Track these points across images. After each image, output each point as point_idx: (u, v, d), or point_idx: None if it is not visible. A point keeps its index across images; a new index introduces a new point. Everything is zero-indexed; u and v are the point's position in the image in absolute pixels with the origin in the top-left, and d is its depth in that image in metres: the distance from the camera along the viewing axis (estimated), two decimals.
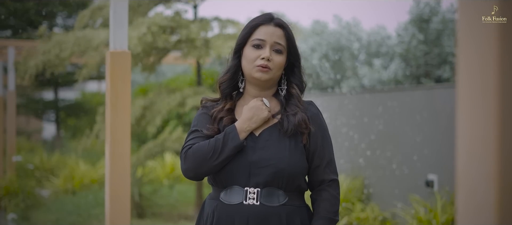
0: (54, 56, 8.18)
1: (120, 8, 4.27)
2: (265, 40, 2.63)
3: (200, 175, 2.62)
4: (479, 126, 1.21)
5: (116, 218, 4.28)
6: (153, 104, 8.23)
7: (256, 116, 2.58)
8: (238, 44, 2.69)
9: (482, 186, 1.20)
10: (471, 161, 1.23)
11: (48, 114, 19.00)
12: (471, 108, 1.23)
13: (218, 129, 2.65)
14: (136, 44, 7.46)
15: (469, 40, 1.24)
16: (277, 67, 2.64)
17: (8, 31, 18.20)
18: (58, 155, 14.34)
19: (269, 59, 2.61)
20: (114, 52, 4.27)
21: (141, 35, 7.50)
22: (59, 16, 18.05)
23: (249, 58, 2.63)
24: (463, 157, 1.25)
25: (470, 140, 1.23)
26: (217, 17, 8.44)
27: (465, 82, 1.24)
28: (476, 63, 1.22)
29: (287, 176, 2.56)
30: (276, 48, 2.64)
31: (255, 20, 2.68)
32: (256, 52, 2.63)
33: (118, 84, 4.28)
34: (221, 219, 2.59)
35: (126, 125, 4.29)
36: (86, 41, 7.99)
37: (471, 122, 1.23)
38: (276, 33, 2.65)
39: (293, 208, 2.60)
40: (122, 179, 4.28)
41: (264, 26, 2.66)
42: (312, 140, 2.63)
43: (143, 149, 8.47)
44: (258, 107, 2.59)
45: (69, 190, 11.03)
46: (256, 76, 2.62)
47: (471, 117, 1.23)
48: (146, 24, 7.62)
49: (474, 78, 1.23)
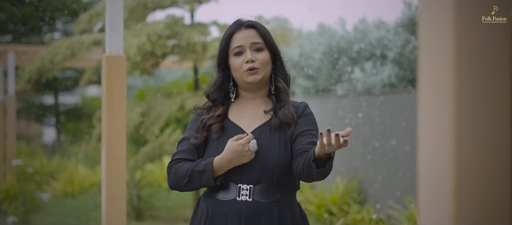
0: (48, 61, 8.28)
1: (115, 13, 4.35)
2: (243, 45, 2.72)
3: (180, 191, 2.78)
4: (437, 123, 1.30)
5: (112, 218, 4.36)
6: (151, 109, 8.31)
7: (236, 160, 2.63)
8: (220, 58, 2.78)
9: (440, 177, 1.29)
10: (431, 155, 1.32)
11: (48, 118, 19.07)
12: (430, 107, 1.32)
13: (206, 137, 2.74)
14: (136, 53, 7.57)
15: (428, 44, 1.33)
16: (264, 64, 2.72)
17: (8, 36, 18.29)
18: (58, 158, 14.42)
19: (253, 60, 2.69)
20: (109, 56, 4.36)
21: (141, 44, 7.60)
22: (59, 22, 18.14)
23: (235, 67, 2.72)
24: (424, 151, 1.34)
25: (430, 135, 1.32)
26: (215, 21, 8.53)
27: (425, 84, 1.33)
28: (434, 66, 1.31)
29: (277, 172, 2.65)
30: (256, 48, 2.73)
31: (227, 31, 2.78)
32: (239, 59, 2.72)
33: (114, 87, 4.36)
34: (215, 215, 2.67)
35: (121, 127, 4.38)
36: (78, 45, 8.10)
37: (431, 119, 1.32)
38: (250, 34, 2.74)
39: (284, 204, 2.68)
40: (118, 181, 4.36)
41: (237, 33, 2.75)
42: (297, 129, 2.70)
43: (142, 152, 8.54)
44: (241, 154, 2.62)
45: (69, 193, 11.12)
46: (249, 81, 2.71)
47: (431, 115, 1.32)
48: (145, 33, 7.70)
49: (432, 80, 1.31)
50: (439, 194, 1.29)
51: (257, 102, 2.79)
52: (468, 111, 1.27)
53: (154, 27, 7.78)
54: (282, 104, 2.73)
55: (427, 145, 1.32)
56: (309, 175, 2.57)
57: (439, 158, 1.29)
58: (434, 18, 1.31)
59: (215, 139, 2.73)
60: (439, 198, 1.29)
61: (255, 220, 2.64)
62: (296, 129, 2.69)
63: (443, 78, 1.28)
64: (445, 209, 1.28)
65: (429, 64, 1.32)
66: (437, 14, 1.31)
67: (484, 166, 1.28)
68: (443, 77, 1.28)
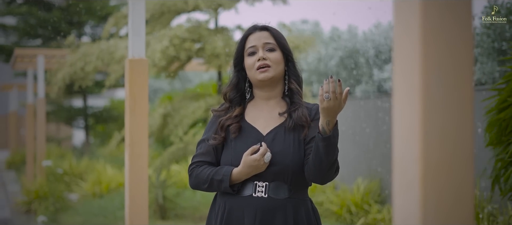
0: (80, 70, 8.50)
1: (137, 18, 4.55)
2: (256, 45, 2.90)
3: (201, 191, 2.98)
4: (407, 119, 1.47)
5: (135, 216, 4.55)
6: (176, 111, 8.50)
7: (253, 172, 2.79)
8: (235, 59, 2.97)
9: (410, 166, 1.46)
10: (402, 146, 1.49)
11: (77, 120, 19.38)
12: (402, 105, 1.49)
13: (224, 138, 2.91)
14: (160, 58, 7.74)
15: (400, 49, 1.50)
16: (275, 62, 2.88)
17: (38, 40, 18.64)
18: (86, 160, 14.67)
19: (264, 58, 2.86)
20: (132, 60, 4.55)
21: (164, 48, 7.77)
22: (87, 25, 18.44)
23: (249, 65, 2.90)
24: (397, 143, 1.50)
25: (401, 130, 1.49)
26: (239, 25, 8.70)
27: (397, 85, 1.50)
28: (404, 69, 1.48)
29: (291, 171, 2.80)
30: (268, 48, 2.89)
31: (243, 35, 2.97)
32: (252, 58, 2.89)
33: (136, 89, 4.56)
34: (232, 210, 2.84)
35: (143, 128, 4.57)
36: (109, 54, 8.29)
37: (402, 116, 1.49)
38: (263, 35, 2.92)
39: (298, 200, 2.84)
40: (140, 179, 4.56)
41: (251, 35, 2.93)
42: (311, 131, 2.86)
43: (167, 153, 8.74)
44: (257, 167, 2.78)
45: (97, 193, 11.34)
46: (260, 78, 2.87)
47: (402, 112, 1.49)
48: (168, 37, 7.88)
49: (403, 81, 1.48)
50: (409, 181, 1.46)
51: (271, 103, 2.94)
52: (434, 109, 1.44)
53: (177, 31, 7.95)
54: (297, 107, 2.87)
55: (399, 138, 1.49)
56: (319, 162, 2.70)
57: (409, 149, 1.46)
58: (405, 26, 1.48)
59: (233, 139, 2.88)
60: (409, 185, 1.46)
61: (270, 216, 2.79)
62: (309, 131, 2.84)
63: (412, 80, 1.45)
64: (414, 194, 1.44)
65: (401, 67, 1.49)
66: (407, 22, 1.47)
67: (449, 157, 1.45)
68: (412, 79, 1.45)
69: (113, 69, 8.27)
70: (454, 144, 1.45)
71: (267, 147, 2.79)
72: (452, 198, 1.45)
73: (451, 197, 1.45)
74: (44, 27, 17.79)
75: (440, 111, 1.44)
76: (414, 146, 1.45)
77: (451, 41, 1.45)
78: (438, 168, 1.44)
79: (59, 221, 9.91)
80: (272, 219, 2.80)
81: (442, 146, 1.44)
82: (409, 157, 1.46)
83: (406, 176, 1.47)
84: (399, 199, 1.49)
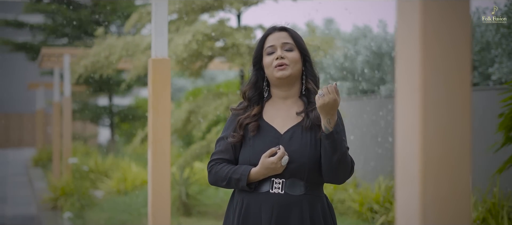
0: (104, 58, 8.63)
1: (160, 19, 4.66)
2: (274, 45, 3.00)
3: (219, 187, 3.09)
4: (408, 117, 1.56)
5: (157, 212, 4.67)
6: (199, 108, 8.62)
7: (270, 173, 2.89)
8: (254, 58, 3.07)
9: (411, 161, 1.55)
10: (404, 143, 1.58)
11: (103, 119, 19.58)
12: (403, 104, 1.58)
13: (242, 136, 3.01)
14: (182, 50, 7.83)
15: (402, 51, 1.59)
16: (293, 61, 2.98)
17: (65, 39, 18.87)
18: (112, 158, 14.84)
19: (282, 57, 2.97)
20: (155, 60, 4.67)
21: (187, 43, 7.87)
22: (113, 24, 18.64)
23: (267, 64, 3.00)
24: (399, 140, 1.59)
25: (403, 127, 1.58)
26: (261, 25, 8.79)
27: (400, 85, 1.59)
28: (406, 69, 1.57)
29: (308, 169, 2.90)
30: (286, 48, 3.00)
31: (263, 35, 3.08)
32: (270, 57, 2.99)
33: (159, 88, 4.67)
34: (249, 206, 2.94)
35: (166, 126, 4.69)
36: (134, 46, 8.41)
37: (404, 113, 1.58)
38: (282, 35, 3.02)
39: (313, 197, 2.93)
40: (163, 176, 4.67)
41: (270, 35, 3.04)
42: None
43: (190, 151, 8.86)
44: (274, 169, 2.88)
45: (122, 190, 11.49)
46: (278, 76, 2.97)
47: (403, 110, 1.58)
48: (192, 32, 7.99)
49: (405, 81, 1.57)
50: (410, 176, 1.55)
51: (289, 103, 3.04)
52: (434, 108, 1.53)
53: (200, 27, 8.05)
54: (314, 107, 2.96)
55: (401, 134, 1.58)
56: (328, 161, 2.82)
57: (410, 145, 1.55)
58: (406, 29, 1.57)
59: (251, 137, 2.98)
60: (410, 178, 1.55)
61: (287, 211, 2.89)
62: None
63: (413, 81, 1.54)
64: (414, 187, 1.54)
65: (403, 69, 1.58)
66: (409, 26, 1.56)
67: (447, 153, 1.54)
68: (413, 80, 1.54)
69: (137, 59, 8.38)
70: (452, 141, 1.54)
71: (284, 151, 2.88)
72: (450, 192, 1.54)
73: (449, 191, 1.54)
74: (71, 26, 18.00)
75: (439, 110, 1.53)
76: (414, 143, 1.54)
77: (450, 43, 1.54)
78: (437, 164, 1.53)
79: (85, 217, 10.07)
80: (288, 215, 2.89)
81: (441, 143, 1.53)
82: (410, 153, 1.55)
83: (407, 171, 1.56)
84: (401, 192, 1.59)
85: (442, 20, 1.54)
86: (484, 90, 7.42)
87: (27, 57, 20.05)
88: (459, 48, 1.55)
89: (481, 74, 8.18)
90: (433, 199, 1.53)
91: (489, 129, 7.00)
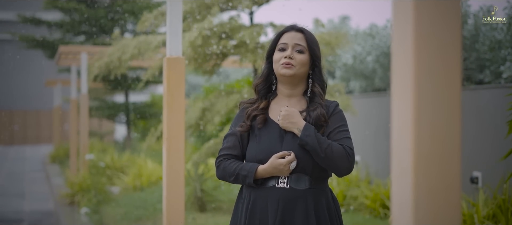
0: (116, 59, 8.77)
1: (174, 19, 4.79)
2: (287, 43, 3.12)
3: (226, 182, 3.26)
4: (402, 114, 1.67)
5: (172, 206, 4.80)
6: (213, 105, 8.75)
7: (276, 173, 3.04)
8: (268, 51, 3.19)
9: (404, 156, 1.66)
10: (398, 139, 1.69)
11: (119, 116, 19.73)
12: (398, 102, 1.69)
13: (249, 126, 3.14)
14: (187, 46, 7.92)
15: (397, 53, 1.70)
16: (300, 64, 3.10)
17: (82, 36, 19.05)
18: (128, 154, 14.98)
19: (291, 57, 3.08)
20: (170, 58, 4.80)
21: (193, 39, 7.96)
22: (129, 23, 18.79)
23: (276, 59, 3.13)
24: (394, 136, 1.71)
25: (398, 124, 1.69)
26: (272, 22, 8.89)
27: (395, 82, 1.70)
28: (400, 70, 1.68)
29: (312, 164, 3.03)
30: (298, 49, 3.11)
31: (280, 31, 3.19)
32: (281, 54, 3.12)
33: (174, 86, 4.80)
34: (256, 200, 3.07)
35: (180, 123, 4.81)
36: (145, 45, 8.54)
37: (398, 111, 1.69)
38: (297, 36, 3.14)
39: (318, 191, 3.06)
40: (177, 171, 4.80)
41: (287, 33, 3.16)
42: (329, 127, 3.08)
43: (205, 147, 8.98)
44: (281, 171, 3.03)
45: (138, 187, 11.62)
46: (282, 73, 3.10)
47: (398, 108, 1.69)
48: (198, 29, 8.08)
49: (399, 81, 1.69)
50: (403, 169, 1.67)
51: (293, 101, 3.16)
52: (425, 105, 1.64)
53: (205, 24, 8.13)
54: (316, 107, 3.09)
55: (396, 131, 1.70)
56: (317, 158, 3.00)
57: (403, 141, 1.67)
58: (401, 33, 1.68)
59: (258, 133, 3.11)
60: (403, 172, 1.66)
61: (292, 205, 3.02)
62: (327, 127, 3.07)
63: (406, 80, 1.66)
64: (407, 180, 1.65)
65: (397, 68, 1.69)
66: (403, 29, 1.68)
67: (438, 148, 1.65)
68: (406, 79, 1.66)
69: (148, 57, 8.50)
70: (443, 137, 1.65)
71: (295, 156, 3.01)
72: (441, 184, 1.65)
73: (440, 183, 1.65)
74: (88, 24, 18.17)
75: (431, 108, 1.64)
76: (407, 138, 1.65)
77: (441, 45, 1.65)
78: (428, 158, 1.64)
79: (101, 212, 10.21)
80: (293, 208, 3.01)
81: (432, 138, 1.64)
82: (403, 147, 1.67)
83: (401, 164, 1.68)
84: (396, 184, 1.70)
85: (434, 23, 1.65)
86: (495, 88, 7.49)
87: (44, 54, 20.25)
88: (449, 49, 1.66)
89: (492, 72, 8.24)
90: (425, 190, 1.64)
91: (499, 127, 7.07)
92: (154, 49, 8.55)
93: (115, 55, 8.78)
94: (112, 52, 8.90)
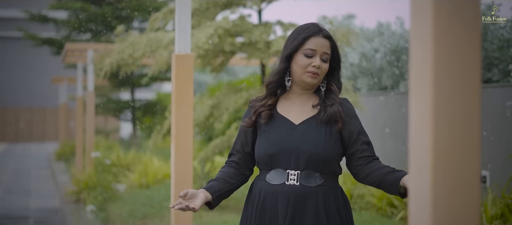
0: (128, 56, 8.75)
1: (183, 16, 4.77)
2: (316, 50, 3.03)
3: None
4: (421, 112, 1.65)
5: None
6: (220, 103, 8.74)
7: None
8: (290, 52, 3.06)
9: (423, 153, 1.64)
10: (416, 136, 1.67)
11: (125, 113, 19.74)
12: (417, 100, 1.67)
13: (255, 122, 3.11)
14: (204, 42, 7.91)
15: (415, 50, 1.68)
16: (324, 73, 3.05)
17: (88, 34, 19.08)
18: (134, 152, 14.98)
19: (318, 67, 3.03)
20: (178, 55, 4.78)
21: (209, 36, 7.96)
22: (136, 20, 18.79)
23: (301, 64, 3.03)
24: (413, 132, 1.69)
25: (416, 121, 1.67)
26: (280, 20, 8.88)
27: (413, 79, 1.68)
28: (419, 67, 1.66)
29: (322, 160, 2.99)
30: (324, 58, 3.04)
31: (306, 31, 3.06)
32: (307, 60, 3.02)
33: (182, 83, 4.79)
34: (266, 197, 3.04)
35: (189, 120, 4.80)
36: (157, 42, 8.52)
37: (417, 109, 1.67)
38: (325, 44, 3.05)
39: (328, 188, 3.02)
40: (185, 168, 4.79)
41: (314, 38, 3.04)
42: (347, 127, 3.04)
43: (212, 145, 8.97)
44: None
45: (144, 184, 11.61)
46: (307, 81, 3.03)
47: (417, 103, 1.67)
48: (214, 27, 8.08)
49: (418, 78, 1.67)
50: (421, 167, 1.64)
51: (303, 97, 3.12)
52: (444, 103, 1.62)
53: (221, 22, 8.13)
54: (333, 102, 3.05)
55: (415, 128, 1.68)
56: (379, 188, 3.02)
57: (422, 138, 1.64)
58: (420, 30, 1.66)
59: (266, 129, 3.07)
60: (422, 170, 1.64)
61: (302, 202, 2.99)
62: (345, 125, 3.03)
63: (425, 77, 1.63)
64: (426, 178, 1.63)
65: (416, 65, 1.67)
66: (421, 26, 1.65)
67: (457, 146, 1.63)
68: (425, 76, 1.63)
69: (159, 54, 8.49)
70: (462, 135, 1.63)
71: None
72: (460, 183, 1.63)
73: (458, 182, 1.62)
74: (94, 22, 18.18)
75: (450, 105, 1.62)
76: (426, 136, 1.63)
77: (460, 42, 1.63)
78: (447, 156, 1.62)
79: (107, 210, 10.22)
80: (303, 206, 2.98)
81: (450, 136, 1.62)
82: (422, 145, 1.64)
83: (419, 162, 1.65)
84: (414, 182, 1.68)
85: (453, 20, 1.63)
86: (504, 87, 7.46)
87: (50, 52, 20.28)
88: (469, 46, 1.64)
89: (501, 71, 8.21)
90: (444, 188, 1.62)
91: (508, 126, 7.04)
92: (166, 46, 8.54)
93: (126, 52, 8.75)
94: (122, 49, 8.88)
